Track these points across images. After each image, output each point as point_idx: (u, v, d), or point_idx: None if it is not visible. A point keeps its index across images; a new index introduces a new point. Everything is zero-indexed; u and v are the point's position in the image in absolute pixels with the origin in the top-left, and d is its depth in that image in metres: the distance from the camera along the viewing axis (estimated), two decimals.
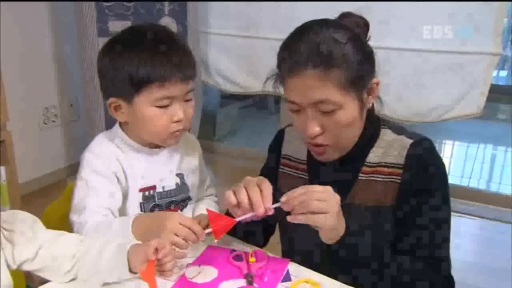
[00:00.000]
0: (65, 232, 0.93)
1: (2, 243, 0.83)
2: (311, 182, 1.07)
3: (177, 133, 1.06)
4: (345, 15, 1.00)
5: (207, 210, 0.96)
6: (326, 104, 0.92)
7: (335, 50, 0.90)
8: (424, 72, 2.00)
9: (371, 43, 0.99)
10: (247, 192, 0.90)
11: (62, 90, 2.36)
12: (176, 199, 1.14)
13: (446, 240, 0.98)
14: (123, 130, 1.09)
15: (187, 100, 1.06)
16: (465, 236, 2.32)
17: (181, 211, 1.15)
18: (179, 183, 1.14)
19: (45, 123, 2.30)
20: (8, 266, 0.84)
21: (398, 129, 1.03)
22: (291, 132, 1.15)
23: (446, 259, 0.97)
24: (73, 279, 0.89)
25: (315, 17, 1.00)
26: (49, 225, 0.93)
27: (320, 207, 0.84)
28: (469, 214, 2.28)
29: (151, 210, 1.10)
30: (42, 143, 2.30)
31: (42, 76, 2.26)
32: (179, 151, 1.16)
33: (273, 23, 2.23)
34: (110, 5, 2.05)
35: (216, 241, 0.96)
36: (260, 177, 0.94)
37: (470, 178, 3.24)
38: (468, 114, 2.02)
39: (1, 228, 0.83)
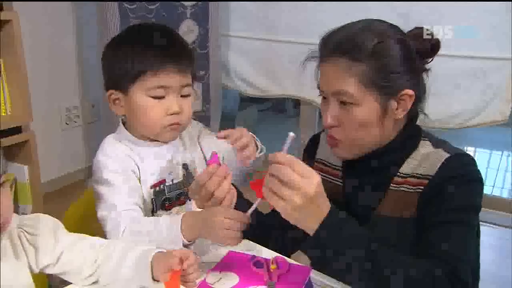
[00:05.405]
0: (87, 235, 0.93)
1: (26, 247, 0.83)
2: (345, 188, 1.06)
3: (172, 126, 1.06)
4: (417, 28, 0.99)
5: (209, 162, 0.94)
6: (344, 96, 0.92)
7: (367, 44, 0.89)
8: (445, 77, 1.96)
9: None
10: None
11: (84, 91, 2.39)
12: (185, 190, 1.14)
13: (466, 243, 0.89)
14: (126, 129, 1.11)
15: (185, 96, 1.07)
16: (487, 246, 2.27)
17: (189, 201, 1.15)
18: (185, 174, 1.15)
19: (66, 124, 2.33)
20: (31, 270, 0.84)
21: (438, 142, 0.98)
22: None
23: (461, 261, 0.85)
24: (95, 283, 0.89)
25: (335, 20, 0.99)
26: (69, 226, 0.94)
27: (284, 194, 0.77)
28: (492, 223, 2.23)
29: (162, 204, 1.11)
30: (63, 144, 2.32)
31: (64, 77, 2.29)
32: (181, 141, 1.17)
33: (292, 27, 2.21)
34: (133, 7, 2.07)
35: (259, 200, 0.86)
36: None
37: (493, 186, 3.19)
38: (492, 121, 1.98)
39: (25, 232, 0.84)
